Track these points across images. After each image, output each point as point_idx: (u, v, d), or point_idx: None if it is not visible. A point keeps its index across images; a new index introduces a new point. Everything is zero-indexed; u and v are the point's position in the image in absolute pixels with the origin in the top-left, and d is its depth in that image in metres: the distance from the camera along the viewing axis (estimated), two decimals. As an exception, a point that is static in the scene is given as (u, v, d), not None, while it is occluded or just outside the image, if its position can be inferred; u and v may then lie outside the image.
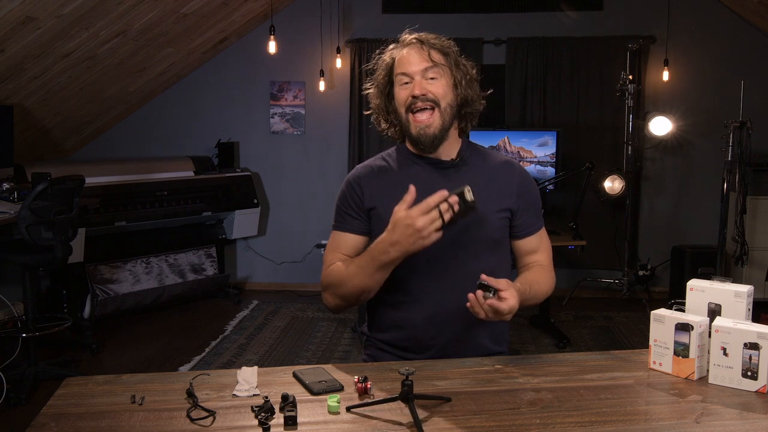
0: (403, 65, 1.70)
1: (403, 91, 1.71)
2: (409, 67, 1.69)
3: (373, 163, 1.82)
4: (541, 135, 5.14)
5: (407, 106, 1.69)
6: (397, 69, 1.72)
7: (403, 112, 1.71)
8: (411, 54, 1.70)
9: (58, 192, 3.53)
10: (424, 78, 1.68)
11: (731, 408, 1.37)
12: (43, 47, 3.79)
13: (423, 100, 1.67)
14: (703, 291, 1.61)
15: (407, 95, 1.69)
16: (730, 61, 5.28)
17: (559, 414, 1.34)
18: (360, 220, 1.76)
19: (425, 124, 1.68)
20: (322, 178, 5.72)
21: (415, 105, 1.68)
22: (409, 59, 1.69)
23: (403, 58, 1.71)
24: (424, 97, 1.67)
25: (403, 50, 1.72)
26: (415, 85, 1.68)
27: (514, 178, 1.78)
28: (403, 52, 1.72)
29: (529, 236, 1.80)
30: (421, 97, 1.67)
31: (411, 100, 1.68)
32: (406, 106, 1.70)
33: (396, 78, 1.73)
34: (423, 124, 1.68)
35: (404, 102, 1.70)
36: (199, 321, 4.90)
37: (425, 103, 1.68)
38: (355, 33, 5.57)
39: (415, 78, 1.68)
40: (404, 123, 1.72)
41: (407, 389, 1.33)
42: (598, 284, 5.48)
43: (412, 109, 1.69)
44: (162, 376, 1.55)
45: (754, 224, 4.92)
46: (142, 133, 5.75)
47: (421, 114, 1.68)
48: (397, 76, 1.72)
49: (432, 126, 1.68)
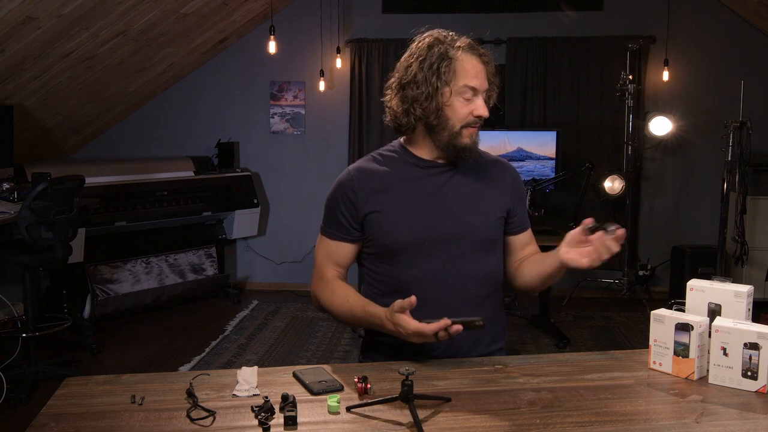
0: (473, 78, 1.66)
1: (465, 106, 1.67)
2: (478, 83, 1.67)
3: (366, 165, 1.77)
4: (541, 135, 5.14)
5: (466, 123, 1.68)
6: (463, 78, 1.65)
7: (457, 126, 1.68)
8: (480, 68, 1.68)
9: (58, 192, 3.52)
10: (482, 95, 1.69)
11: (731, 408, 1.37)
12: (43, 47, 3.79)
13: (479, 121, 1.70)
14: (703, 291, 1.61)
15: (469, 112, 1.67)
16: (730, 61, 5.27)
17: (559, 414, 1.34)
18: (353, 228, 1.74)
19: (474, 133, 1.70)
20: (322, 178, 5.72)
21: (474, 124, 1.69)
22: (478, 73, 1.67)
23: (473, 70, 1.66)
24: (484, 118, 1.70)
25: (470, 58, 1.67)
26: (481, 107, 1.67)
27: (507, 177, 1.82)
28: (471, 61, 1.67)
29: (524, 231, 1.84)
30: (482, 118, 1.70)
31: (473, 120, 1.68)
32: (465, 123, 1.68)
33: (460, 87, 1.65)
34: (474, 133, 1.70)
35: (464, 117, 1.67)
36: (199, 321, 4.90)
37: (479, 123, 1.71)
38: (355, 33, 5.57)
39: (480, 96, 1.68)
40: (453, 133, 1.68)
41: (407, 389, 1.33)
42: (598, 284, 5.48)
43: (468, 126, 1.68)
44: (162, 376, 1.55)
45: (754, 224, 4.92)
46: (142, 133, 5.75)
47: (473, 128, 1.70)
48: (464, 87, 1.66)
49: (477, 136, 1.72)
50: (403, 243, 1.69)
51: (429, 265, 1.69)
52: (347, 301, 1.70)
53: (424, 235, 1.69)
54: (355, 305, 1.68)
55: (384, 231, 1.71)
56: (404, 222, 1.70)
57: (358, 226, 1.74)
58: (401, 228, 1.70)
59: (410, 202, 1.71)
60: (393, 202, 1.72)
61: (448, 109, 1.67)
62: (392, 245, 1.70)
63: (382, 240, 1.72)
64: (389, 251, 1.71)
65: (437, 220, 1.69)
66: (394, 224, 1.70)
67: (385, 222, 1.71)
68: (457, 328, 1.47)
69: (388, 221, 1.71)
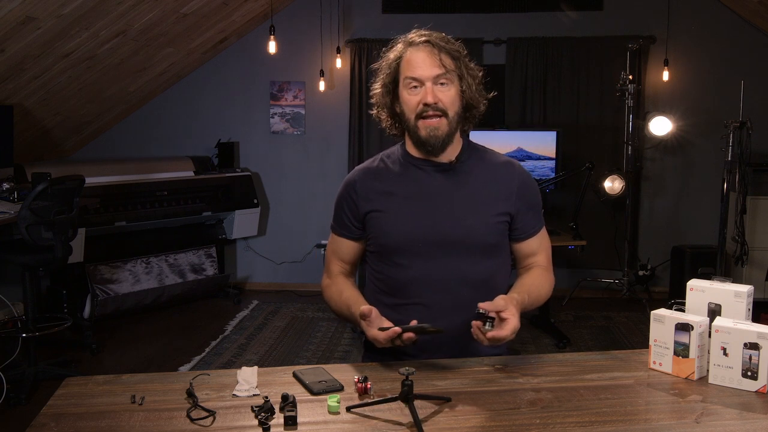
0: (414, 68, 1.64)
1: (412, 97, 1.66)
2: (419, 72, 1.64)
3: (371, 165, 1.80)
4: (541, 135, 5.14)
5: (417, 113, 1.66)
6: (406, 71, 1.66)
7: (412, 118, 1.67)
8: (422, 57, 1.64)
9: (58, 192, 3.52)
10: (434, 84, 1.64)
11: (731, 408, 1.37)
12: (43, 47, 3.79)
13: (433, 108, 1.64)
14: (703, 291, 1.61)
15: (417, 102, 1.65)
16: (730, 61, 5.27)
17: (559, 414, 1.34)
18: (355, 226, 1.78)
19: (434, 125, 1.65)
20: (322, 178, 5.72)
21: (426, 113, 1.65)
22: (420, 63, 1.64)
23: (414, 61, 1.65)
24: (434, 106, 1.64)
25: (412, 51, 1.66)
26: (427, 93, 1.63)
27: (514, 180, 1.75)
28: (413, 54, 1.65)
29: (529, 239, 1.78)
30: (432, 106, 1.64)
31: (422, 108, 1.65)
32: (417, 113, 1.66)
33: (404, 80, 1.67)
34: (432, 126, 1.65)
35: (414, 108, 1.66)
36: (199, 321, 4.90)
37: (435, 111, 1.64)
38: (355, 33, 5.57)
39: (426, 84, 1.64)
40: (411, 127, 1.68)
41: (407, 389, 1.33)
42: (598, 284, 5.48)
43: (422, 116, 1.65)
44: (162, 376, 1.55)
45: (754, 224, 4.92)
46: (142, 133, 5.75)
47: (431, 119, 1.65)
48: (406, 79, 1.66)
49: (440, 129, 1.66)
50: (399, 243, 1.70)
51: (424, 266, 1.69)
52: (340, 298, 1.76)
53: (420, 236, 1.69)
54: (345, 303, 1.74)
55: (383, 230, 1.72)
56: (402, 222, 1.70)
57: (360, 224, 1.77)
58: (399, 228, 1.70)
59: (409, 203, 1.71)
60: (393, 203, 1.72)
61: (402, 104, 1.70)
62: (389, 245, 1.72)
63: (381, 239, 1.73)
64: (387, 250, 1.73)
65: (435, 222, 1.69)
66: (393, 224, 1.71)
67: (385, 221, 1.72)
68: (408, 336, 1.53)
69: (387, 221, 1.72)
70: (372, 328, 1.57)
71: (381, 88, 1.74)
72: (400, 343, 1.54)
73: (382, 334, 1.54)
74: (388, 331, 1.53)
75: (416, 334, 1.53)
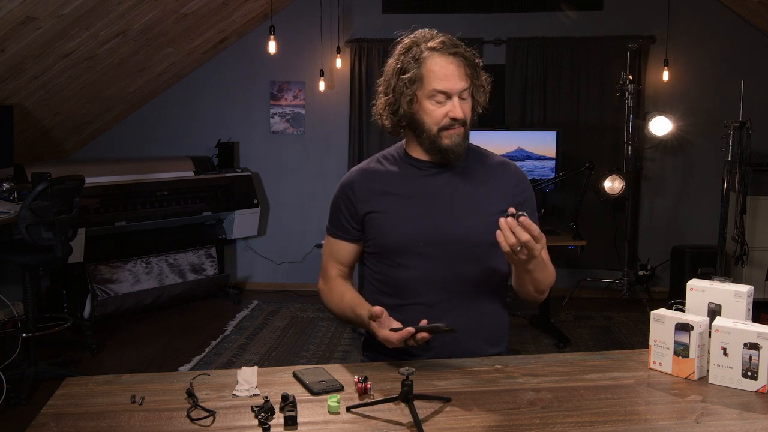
0: (443, 81, 1.62)
1: (438, 109, 1.64)
2: (449, 85, 1.62)
3: (368, 165, 1.80)
4: (541, 135, 5.14)
5: (442, 126, 1.65)
6: (432, 82, 1.62)
7: (434, 130, 1.66)
8: (451, 69, 1.62)
9: (58, 192, 3.52)
10: (459, 97, 1.64)
11: (731, 408, 1.37)
12: (43, 47, 3.79)
13: (458, 122, 1.65)
14: (703, 291, 1.61)
15: (443, 114, 1.64)
16: (730, 61, 5.27)
17: (559, 414, 1.34)
18: (353, 228, 1.77)
19: (457, 133, 1.66)
20: (322, 178, 5.72)
21: (451, 127, 1.65)
22: (449, 76, 1.62)
23: (442, 72, 1.62)
24: (459, 120, 1.65)
25: (440, 59, 1.63)
26: (456, 108, 1.63)
27: (511, 179, 1.77)
28: (441, 63, 1.62)
29: None
30: (459, 120, 1.65)
31: (449, 122, 1.64)
32: (441, 126, 1.65)
33: (429, 90, 1.63)
34: (455, 134, 1.66)
35: (439, 120, 1.65)
36: (199, 321, 4.90)
37: (459, 124, 1.66)
38: (355, 33, 5.57)
39: (453, 98, 1.63)
40: (431, 136, 1.67)
41: (407, 389, 1.33)
42: (598, 284, 5.48)
43: (446, 128, 1.65)
44: (162, 376, 1.55)
45: (754, 224, 4.92)
46: (142, 133, 5.75)
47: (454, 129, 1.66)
48: (434, 91, 1.63)
49: (461, 136, 1.67)
50: (400, 243, 1.70)
51: (425, 266, 1.69)
52: (342, 300, 1.74)
53: (421, 236, 1.69)
54: (348, 305, 1.72)
55: (382, 231, 1.72)
56: (402, 223, 1.70)
57: (358, 225, 1.76)
58: (399, 228, 1.70)
59: (409, 203, 1.71)
60: (392, 203, 1.72)
61: (423, 113, 1.66)
62: (390, 245, 1.71)
63: (380, 240, 1.73)
64: (387, 251, 1.72)
65: (435, 222, 1.69)
66: (393, 225, 1.71)
67: (384, 222, 1.72)
68: (422, 336, 1.51)
69: (386, 221, 1.71)
70: (383, 328, 1.55)
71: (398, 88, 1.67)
72: (413, 343, 1.53)
73: (395, 335, 1.52)
74: (402, 332, 1.51)
75: (430, 333, 1.51)
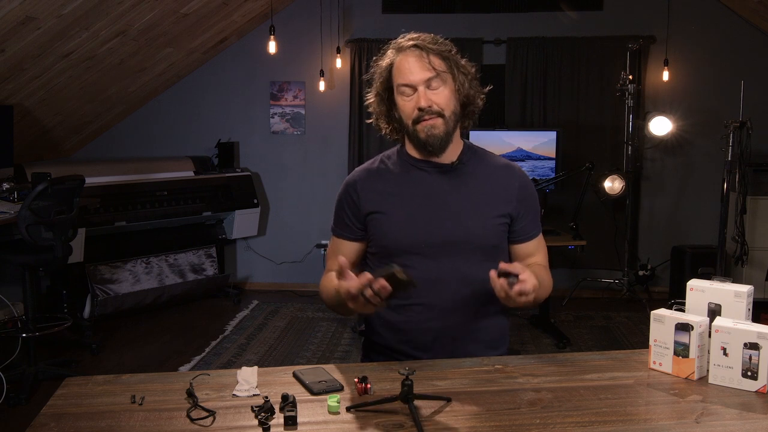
0: (405, 75, 1.65)
1: (408, 103, 1.66)
2: (411, 77, 1.64)
3: (372, 166, 1.80)
4: (541, 135, 5.14)
5: (414, 119, 1.66)
6: (397, 78, 1.67)
7: (409, 124, 1.68)
8: (411, 62, 1.64)
9: (58, 192, 3.52)
10: (427, 88, 1.64)
11: (731, 408, 1.37)
12: (43, 47, 3.79)
13: (429, 112, 1.64)
14: (703, 291, 1.61)
15: (412, 107, 1.65)
16: (730, 61, 5.27)
17: (559, 414, 1.34)
18: (356, 227, 1.77)
19: (431, 125, 1.65)
20: (322, 178, 5.72)
21: (422, 118, 1.65)
22: (410, 68, 1.64)
23: (404, 67, 1.65)
24: (429, 110, 1.64)
25: (402, 57, 1.66)
26: (420, 98, 1.64)
27: (514, 183, 1.76)
28: (402, 60, 1.66)
29: (527, 241, 1.79)
30: (427, 110, 1.64)
31: (418, 114, 1.65)
32: (413, 119, 1.66)
33: (398, 88, 1.68)
34: (429, 125, 1.65)
35: (410, 114, 1.66)
36: (199, 321, 4.90)
37: (431, 114, 1.65)
38: (355, 33, 5.57)
39: (418, 88, 1.64)
40: (410, 132, 1.69)
41: (407, 389, 1.33)
42: (598, 284, 5.48)
43: (419, 120, 1.66)
44: (162, 376, 1.56)
45: (754, 224, 4.92)
46: (141, 133, 5.75)
47: (427, 120, 1.65)
48: (399, 86, 1.67)
49: (437, 128, 1.66)
50: (401, 244, 1.70)
51: (426, 267, 1.68)
52: (330, 284, 1.68)
53: (422, 237, 1.69)
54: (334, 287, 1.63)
55: (383, 232, 1.72)
56: (404, 224, 1.70)
57: (361, 225, 1.76)
58: (400, 230, 1.70)
59: (411, 204, 1.71)
60: (395, 204, 1.72)
61: (400, 111, 1.70)
62: (390, 246, 1.71)
63: (381, 240, 1.73)
64: (388, 252, 1.72)
65: (437, 223, 1.69)
66: (394, 225, 1.71)
67: (386, 223, 1.72)
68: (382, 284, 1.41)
69: (388, 222, 1.71)
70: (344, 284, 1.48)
71: (375, 97, 1.76)
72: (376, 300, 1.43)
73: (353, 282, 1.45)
74: (361, 278, 1.44)
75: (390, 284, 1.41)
